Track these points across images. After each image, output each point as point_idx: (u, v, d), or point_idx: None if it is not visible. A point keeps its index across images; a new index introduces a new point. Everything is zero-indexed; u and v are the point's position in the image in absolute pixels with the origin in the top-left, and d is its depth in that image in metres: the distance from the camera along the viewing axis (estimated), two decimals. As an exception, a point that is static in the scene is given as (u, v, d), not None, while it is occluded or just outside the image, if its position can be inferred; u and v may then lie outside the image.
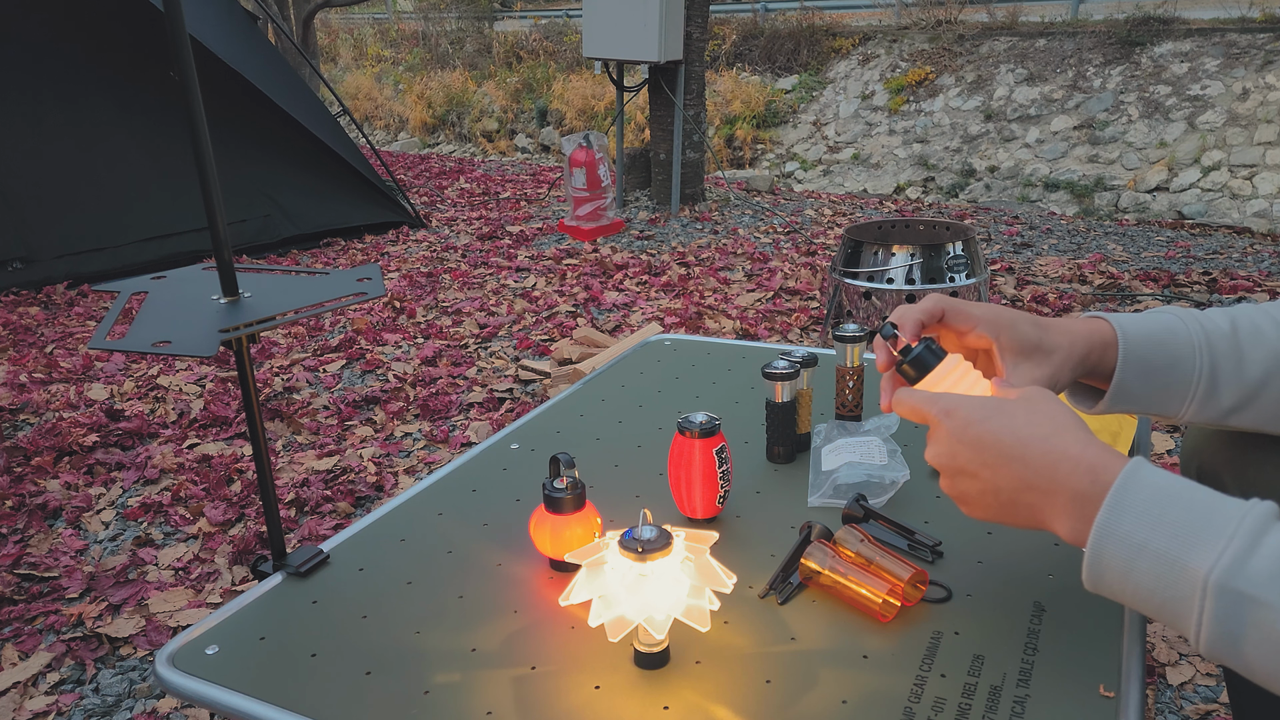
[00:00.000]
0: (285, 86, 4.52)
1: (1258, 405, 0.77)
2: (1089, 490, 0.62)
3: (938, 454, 0.71)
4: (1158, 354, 0.78)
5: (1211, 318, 0.78)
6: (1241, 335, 0.76)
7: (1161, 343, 0.78)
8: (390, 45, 12.30)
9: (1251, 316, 0.78)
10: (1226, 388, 0.77)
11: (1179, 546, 0.56)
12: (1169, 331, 0.78)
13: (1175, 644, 1.60)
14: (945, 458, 0.70)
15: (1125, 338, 0.78)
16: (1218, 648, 0.55)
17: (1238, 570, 0.54)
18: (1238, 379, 0.76)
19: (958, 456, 0.69)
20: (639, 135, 7.71)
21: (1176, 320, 0.79)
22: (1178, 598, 0.56)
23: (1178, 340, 0.77)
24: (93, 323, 3.59)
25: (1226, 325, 0.77)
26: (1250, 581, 0.53)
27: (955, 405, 0.71)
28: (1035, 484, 0.65)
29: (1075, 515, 0.63)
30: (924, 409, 0.73)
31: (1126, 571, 0.59)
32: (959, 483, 0.70)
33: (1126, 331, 0.78)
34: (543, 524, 0.92)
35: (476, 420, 2.57)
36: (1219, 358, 0.76)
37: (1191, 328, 0.78)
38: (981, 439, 0.68)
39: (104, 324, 0.93)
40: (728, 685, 0.76)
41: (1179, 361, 0.77)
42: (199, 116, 0.92)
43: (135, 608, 1.78)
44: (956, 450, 0.69)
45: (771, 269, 4.04)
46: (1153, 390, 0.78)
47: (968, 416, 0.70)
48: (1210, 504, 0.58)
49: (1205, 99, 6.00)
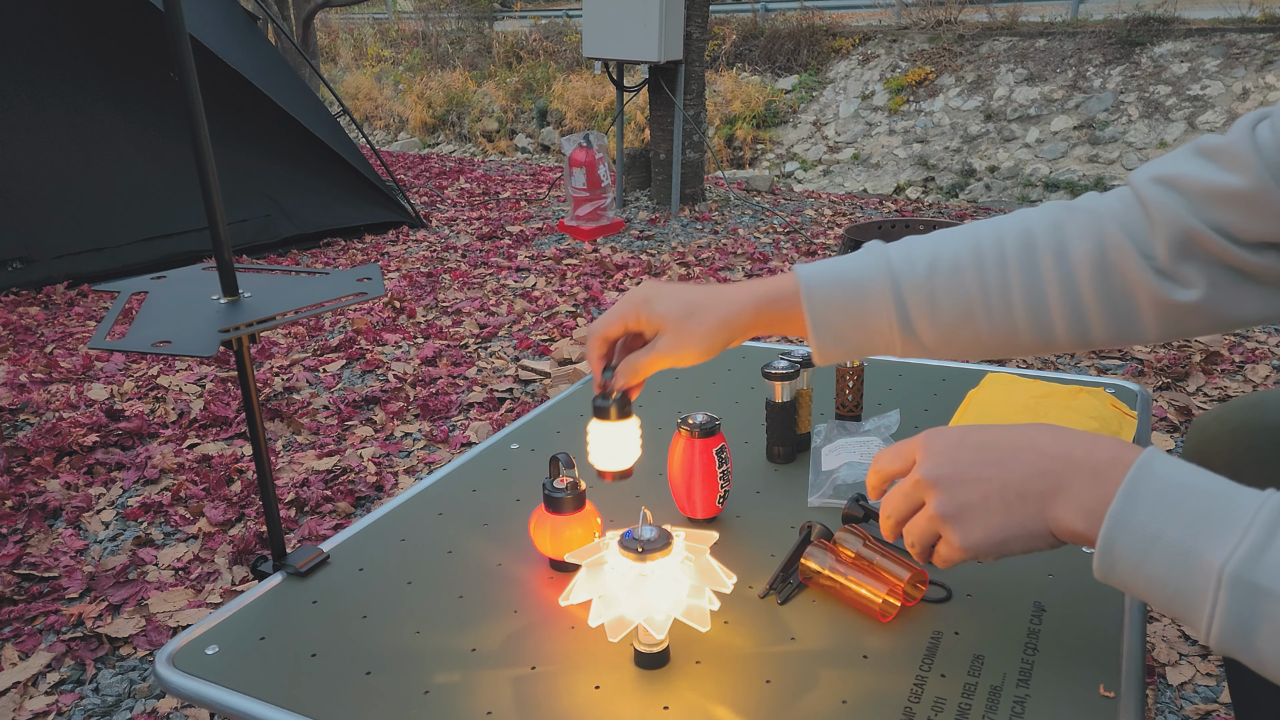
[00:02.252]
0: (285, 86, 4.51)
1: (956, 345, 0.79)
2: (1108, 469, 0.60)
3: (935, 466, 0.67)
4: (847, 298, 0.79)
5: (910, 257, 0.79)
6: (938, 279, 0.77)
7: (847, 288, 0.79)
8: (390, 45, 12.30)
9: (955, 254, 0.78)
10: (924, 330, 0.78)
11: (1193, 538, 0.55)
12: (855, 275, 0.79)
13: (1175, 644, 1.60)
14: (946, 467, 0.67)
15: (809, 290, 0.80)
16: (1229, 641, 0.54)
17: (1253, 563, 0.53)
18: (932, 323, 0.78)
19: (960, 462, 0.66)
20: (639, 135, 7.71)
21: (868, 264, 0.80)
22: (1191, 589, 0.55)
23: (864, 286, 0.79)
24: (93, 323, 3.59)
25: (924, 267, 0.78)
26: (1266, 574, 0.52)
27: (935, 430, 0.70)
28: (1049, 469, 0.63)
29: (1091, 496, 0.60)
30: (901, 448, 0.71)
31: (1139, 563, 0.58)
32: (960, 493, 0.66)
33: (811, 284, 0.80)
34: (543, 524, 0.92)
35: (476, 420, 2.57)
36: (910, 304, 0.78)
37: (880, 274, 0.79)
38: (985, 440, 0.67)
39: (104, 324, 0.93)
40: (728, 685, 0.76)
41: (867, 306, 0.79)
42: (199, 116, 0.92)
43: (135, 608, 1.78)
44: (958, 457, 0.67)
45: (772, 269, 4.04)
46: (854, 333, 0.80)
47: (959, 430, 0.69)
48: (1226, 494, 0.57)
49: (1205, 99, 6.00)
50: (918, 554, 0.71)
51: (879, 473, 0.74)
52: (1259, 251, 0.69)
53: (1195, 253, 0.71)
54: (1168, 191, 0.71)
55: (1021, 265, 0.75)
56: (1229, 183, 0.68)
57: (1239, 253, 0.69)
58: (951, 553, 0.68)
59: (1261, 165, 0.66)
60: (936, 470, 0.67)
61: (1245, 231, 0.69)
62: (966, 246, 0.77)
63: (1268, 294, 0.71)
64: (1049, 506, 0.63)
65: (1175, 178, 0.71)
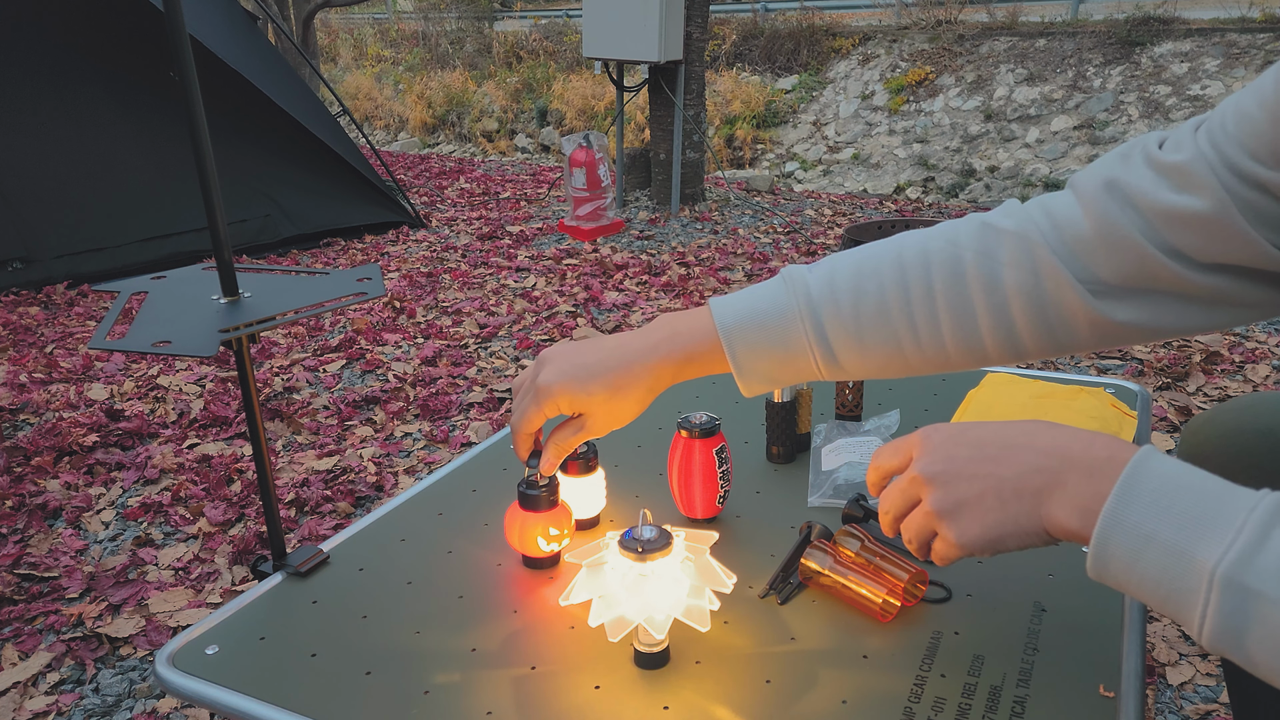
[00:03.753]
0: (285, 86, 4.51)
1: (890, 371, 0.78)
2: (1103, 468, 0.60)
3: (932, 462, 0.67)
4: (768, 355, 0.78)
5: (828, 282, 0.77)
6: (863, 315, 0.76)
7: (768, 339, 0.78)
8: (390, 45, 12.30)
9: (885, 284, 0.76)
10: (851, 364, 0.78)
11: (1187, 538, 0.56)
12: (777, 325, 0.78)
13: (1175, 644, 1.60)
14: (942, 463, 0.67)
15: (723, 323, 0.78)
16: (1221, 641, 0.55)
17: (1245, 564, 0.53)
18: (861, 356, 0.77)
19: (956, 459, 0.67)
20: (639, 135, 7.71)
21: (778, 292, 0.78)
22: (1183, 590, 0.55)
23: (787, 333, 0.77)
24: (93, 323, 3.59)
25: (848, 302, 0.76)
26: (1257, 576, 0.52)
27: (933, 426, 0.70)
28: (1045, 465, 0.63)
29: (1086, 494, 0.61)
30: (900, 444, 0.71)
31: (1133, 562, 0.58)
32: (956, 489, 0.66)
33: (724, 316, 0.78)
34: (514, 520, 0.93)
35: (476, 420, 2.57)
36: (831, 334, 0.77)
37: (791, 304, 0.77)
38: (982, 437, 0.67)
39: (104, 324, 0.93)
40: (728, 685, 0.76)
41: (791, 356, 0.78)
42: (199, 116, 0.92)
43: (135, 608, 1.78)
44: (954, 453, 0.67)
45: (772, 269, 4.04)
46: (780, 374, 0.79)
47: (957, 426, 0.69)
48: (1220, 494, 0.57)
49: (1205, 99, 6.00)
50: (915, 549, 0.71)
51: (878, 469, 0.74)
52: (1210, 273, 0.67)
53: (1144, 278, 0.69)
54: (1123, 209, 0.68)
55: (951, 299, 0.74)
56: (1190, 205, 0.65)
57: (1191, 276, 0.67)
58: (948, 549, 0.68)
59: (1220, 185, 0.64)
60: (933, 467, 0.67)
61: (1201, 254, 0.67)
62: (891, 275, 0.76)
63: (1209, 310, 0.70)
64: (1044, 504, 0.63)
65: (1131, 193, 0.68)
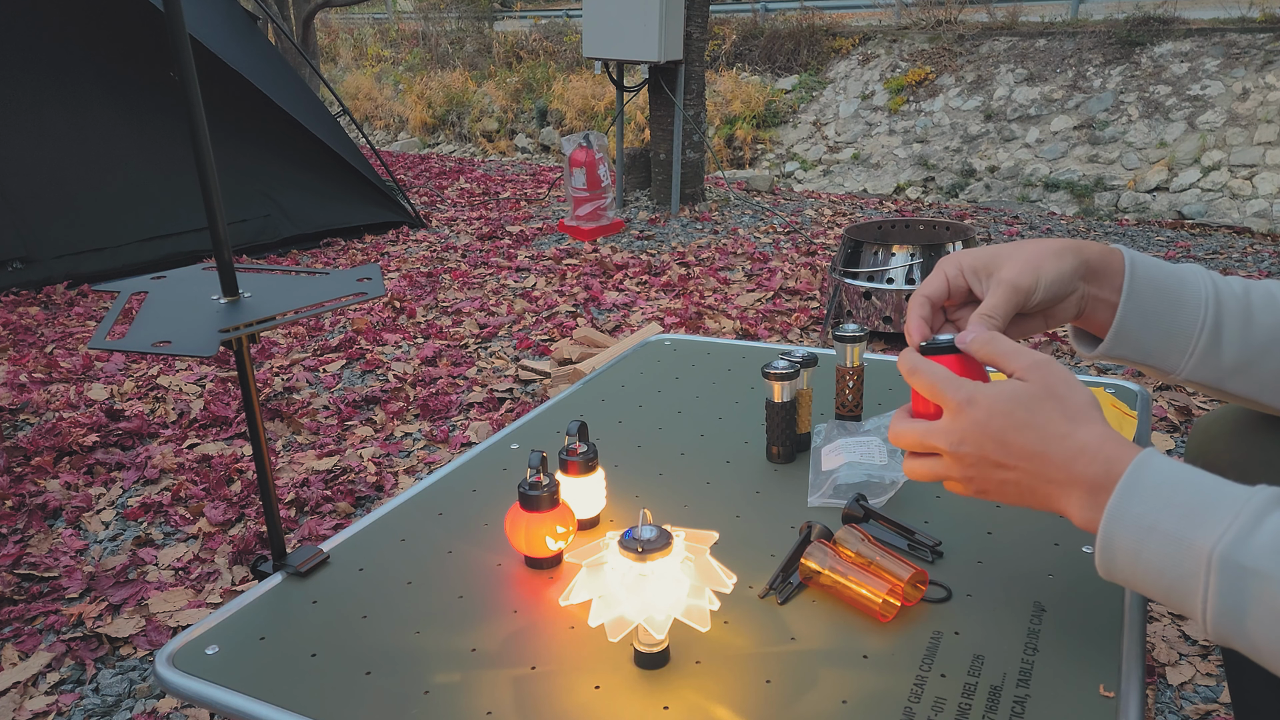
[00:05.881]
0: (285, 86, 4.51)
1: (1258, 371, 0.76)
2: (1104, 480, 0.64)
3: (961, 443, 0.70)
4: (1163, 297, 0.77)
5: (1227, 279, 0.78)
6: (1254, 297, 0.76)
7: (1167, 287, 0.77)
8: (390, 45, 12.30)
9: (1268, 285, 0.77)
10: (1230, 345, 0.76)
11: (1186, 526, 0.58)
12: (1177, 277, 0.77)
13: (1175, 644, 1.60)
14: (971, 446, 0.69)
15: (1132, 269, 0.77)
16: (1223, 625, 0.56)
17: (1240, 545, 0.55)
18: (1243, 338, 0.76)
19: (985, 448, 0.69)
20: (639, 135, 7.71)
21: (1189, 271, 0.78)
22: (1185, 575, 0.58)
23: (1185, 287, 0.77)
24: (93, 323, 3.59)
25: (1240, 287, 0.77)
26: (1252, 555, 0.55)
27: (976, 393, 0.70)
28: (1054, 478, 0.67)
29: (1089, 505, 0.65)
30: (943, 392, 0.71)
31: (1136, 553, 0.61)
32: (981, 470, 0.70)
33: (1135, 265, 0.77)
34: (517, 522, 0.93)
35: (476, 420, 2.57)
36: (1226, 314, 0.76)
37: (1202, 279, 0.77)
38: (1006, 435, 0.68)
39: (104, 324, 0.93)
40: (728, 685, 0.76)
41: (1184, 307, 0.76)
42: (199, 116, 0.92)
43: (135, 608, 1.78)
44: (984, 444, 0.69)
45: (771, 269, 4.04)
46: (1154, 336, 0.77)
47: (991, 408, 0.69)
48: (1218, 488, 0.60)
49: (1205, 99, 6.00)
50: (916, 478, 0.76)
51: (916, 374, 0.73)
52: None
53: None
54: None
55: None
56: None
57: None
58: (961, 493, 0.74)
59: None
60: (960, 448, 0.71)
61: None
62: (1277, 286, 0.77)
63: None
64: (1052, 505, 0.68)
65: None
